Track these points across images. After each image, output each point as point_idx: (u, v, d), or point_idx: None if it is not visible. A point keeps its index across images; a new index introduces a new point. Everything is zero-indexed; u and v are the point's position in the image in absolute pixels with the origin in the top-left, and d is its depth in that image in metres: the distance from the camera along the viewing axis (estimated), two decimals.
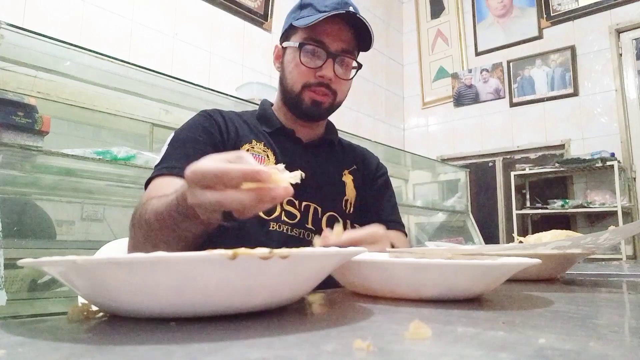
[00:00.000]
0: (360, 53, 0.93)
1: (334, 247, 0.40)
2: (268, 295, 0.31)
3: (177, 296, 0.27)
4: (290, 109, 0.91)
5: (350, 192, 0.95)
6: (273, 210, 0.84)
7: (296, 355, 0.20)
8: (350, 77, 0.90)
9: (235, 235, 0.76)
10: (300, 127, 0.93)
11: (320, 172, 0.91)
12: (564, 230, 0.80)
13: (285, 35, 0.91)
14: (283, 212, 0.84)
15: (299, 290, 0.34)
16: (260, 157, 0.87)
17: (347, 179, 0.95)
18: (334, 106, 0.90)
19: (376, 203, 0.99)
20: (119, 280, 0.27)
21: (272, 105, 0.97)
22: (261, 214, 0.83)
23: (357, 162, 1.00)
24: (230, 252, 0.26)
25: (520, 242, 0.74)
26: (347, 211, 0.93)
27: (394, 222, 0.98)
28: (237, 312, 0.31)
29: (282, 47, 0.92)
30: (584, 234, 0.60)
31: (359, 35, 0.88)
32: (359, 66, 0.91)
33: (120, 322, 0.29)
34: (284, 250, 0.28)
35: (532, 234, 0.80)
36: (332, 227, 0.61)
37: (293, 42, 0.88)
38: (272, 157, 0.88)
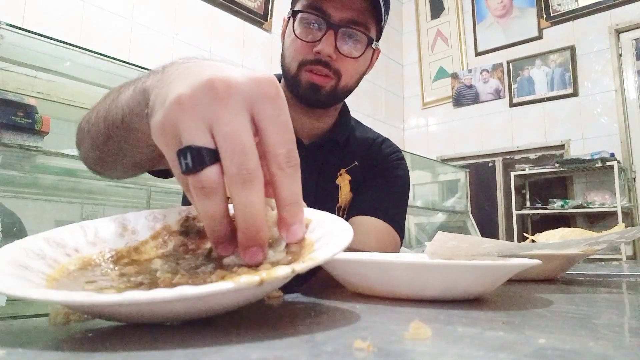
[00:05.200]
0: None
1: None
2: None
3: (187, 314, 0.27)
4: (291, 91, 0.76)
5: (344, 196, 0.81)
6: None
7: (296, 355, 0.20)
8: (358, 55, 0.72)
9: None
10: (304, 120, 0.79)
11: (315, 179, 0.79)
12: (574, 228, 0.80)
13: (292, 6, 0.76)
14: None
15: None
16: None
17: (343, 180, 0.81)
18: (337, 91, 0.74)
19: (371, 191, 0.82)
20: (132, 316, 0.26)
21: (279, 81, 0.82)
22: None
23: (362, 156, 0.84)
24: (257, 278, 0.24)
25: (533, 241, 0.74)
26: None
27: (385, 214, 0.79)
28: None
29: (287, 18, 0.76)
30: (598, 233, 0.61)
31: (376, 6, 0.71)
32: (370, 42, 0.73)
33: (119, 323, 0.29)
34: (302, 266, 0.26)
35: (532, 234, 0.80)
36: None
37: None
38: None
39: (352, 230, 0.33)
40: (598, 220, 3.47)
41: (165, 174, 0.63)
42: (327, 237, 0.32)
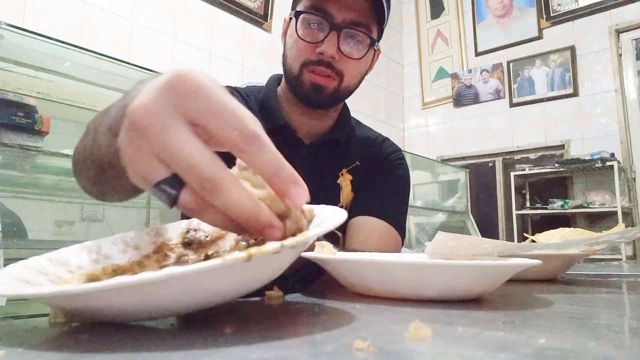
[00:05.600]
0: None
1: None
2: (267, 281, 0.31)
3: (183, 303, 0.26)
4: (293, 92, 0.77)
5: (346, 196, 0.81)
6: None
7: (296, 355, 0.20)
8: (360, 56, 0.73)
9: None
10: (304, 121, 0.80)
11: (316, 179, 0.78)
12: (574, 228, 0.80)
13: (294, 6, 0.76)
14: None
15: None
16: None
17: (345, 180, 0.81)
18: (339, 92, 0.75)
19: (372, 191, 0.82)
20: (119, 303, 0.25)
21: (279, 81, 0.84)
22: None
23: (363, 155, 0.84)
24: (244, 254, 0.24)
25: (533, 241, 0.74)
26: None
27: (386, 214, 0.79)
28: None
29: (289, 19, 0.77)
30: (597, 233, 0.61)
31: (378, 7, 0.72)
32: (372, 43, 0.74)
33: (119, 323, 0.29)
34: (292, 241, 0.26)
35: (532, 234, 0.80)
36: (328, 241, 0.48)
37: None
38: None
39: (345, 214, 0.33)
40: (598, 220, 3.47)
41: None
42: (322, 224, 0.33)
